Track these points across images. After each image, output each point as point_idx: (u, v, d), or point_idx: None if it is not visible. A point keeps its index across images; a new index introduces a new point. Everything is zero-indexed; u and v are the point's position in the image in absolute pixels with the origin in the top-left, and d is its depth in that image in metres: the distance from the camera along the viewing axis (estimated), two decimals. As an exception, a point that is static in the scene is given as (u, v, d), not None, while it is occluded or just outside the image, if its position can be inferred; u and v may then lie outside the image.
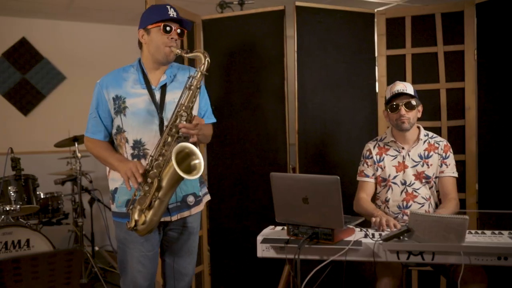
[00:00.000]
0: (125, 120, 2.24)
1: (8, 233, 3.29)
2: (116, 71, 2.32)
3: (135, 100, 2.23)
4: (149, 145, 2.22)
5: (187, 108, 2.13)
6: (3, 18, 5.00)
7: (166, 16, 2.20)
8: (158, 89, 2.26)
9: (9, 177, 3.61)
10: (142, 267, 2.27)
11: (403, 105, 2.60)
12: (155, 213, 2.10)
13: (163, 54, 2.22)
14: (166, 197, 2.12)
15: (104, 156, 2.27)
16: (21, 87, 5.14)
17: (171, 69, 2.33)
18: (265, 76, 3.47)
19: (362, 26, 3.46)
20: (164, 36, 2.20)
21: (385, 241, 2.05)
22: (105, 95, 2.26)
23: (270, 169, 3.39)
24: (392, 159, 2.70)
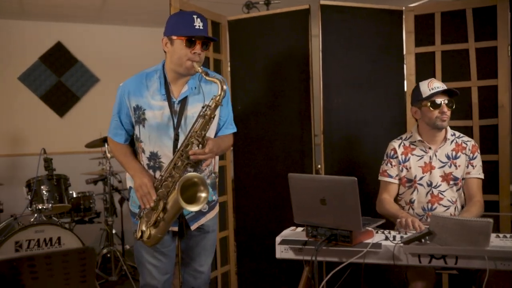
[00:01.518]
0: (143, 131, 2.25)
1: (40, 231, 3.40)
2: (139, 77, 2.30)
3: (154, 113, 2.23)
4: (165, 159, 2.24)
5: (199, 136, 2.12)
6: (40, 23, 5.18)
7: (192, 30, 2.13)
8: (178, 102, 2.24)
9: (42, 177, 3.73)
10: (157, 261, 2.32)
11: (446, 102, 2.52)
12: (159, 231, 2.17)
13: (184, 68, 2.18)
14: (171, 219, 2.17)
15: (122, 162, 2.33)
16: (57, 89, 5.31)
17: (193, 80, 2.29)
18: (290, 76, 3.45)
19: (389, 23, 3.38)
20: (187, 50, 2.14)
21: (406, 244, 1.99)
22: (127, 102, 2.27)
23: (295, 169, 3.39)
24: (418, 159, 2.62)
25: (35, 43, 5.21)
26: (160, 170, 2.24)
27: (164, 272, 2.36)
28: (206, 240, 2.41)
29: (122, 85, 2.33)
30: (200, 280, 2.44)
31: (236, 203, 3.65)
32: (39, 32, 5.20)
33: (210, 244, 2.45)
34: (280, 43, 3.47)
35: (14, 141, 5.14)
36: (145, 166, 2.28)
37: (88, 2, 4.59)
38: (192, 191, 2.12)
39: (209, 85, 2.28)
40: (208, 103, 2.15)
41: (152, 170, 2.26)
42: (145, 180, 2.16)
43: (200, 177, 2.10)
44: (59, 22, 5.23)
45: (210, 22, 3.49)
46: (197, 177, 2.09)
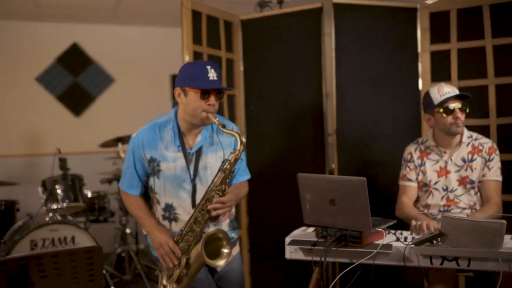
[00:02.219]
0: (157, 183, 2.23)
1: (54, 230, 3.43)
2: (152, 127, 2.26)
3: (169, 164, 2.20)
4: (180, 210, 2.22)
5: (220, 190, 2.11)
6: (56, 25, 5.25)
7: (207, 83, 2.11)
8: (194, 153, 2.22)
9: (57, 177, 3.76)
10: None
11: (459, 107, 2.46)
12: (182, 286, 2.14)
13: (199, 119, 2.15)
14: (194, 274, 2.15)
15: (137, 217, 2.31)
16: (73, 89, 5.38)
17: (206, 130, 2.26)
18: (302, 75, 3.43)
19: (403, 21, 3.33)
20: (202, 102, 2.12)
21: (417, 245, 1.96)
22: (142, 153, 2.24)
23: (308, 169, 3.36)
24: (433, 163, 2.57)
25: (52, 44, 5.28)
26: (175, 221, 2.23)
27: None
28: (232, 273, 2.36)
29: (135, 136, 2.28)
30: None
31: (249, 203, 3.64)
32: (56, 34, 5.27)
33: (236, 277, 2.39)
34: (293, 42, 3.45)
35: (31, 141, 5.21)
36: (160, 217, 2.26)
37: (102, 3, 4.64)
38: (214, 245, 2.11)
39: (222, 134, 2.24)
40: (228, 157, 2.12)
41: (167, 221, 2.25)
42: (164, 238, 2.14)
43: (224, 233, 2.10)
44: (75, 24, 5.30)
45: (222, 22, 3.49)
46: (221, 232, 2.10)
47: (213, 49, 3.40)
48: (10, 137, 5.12)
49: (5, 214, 3.95)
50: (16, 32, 5.14)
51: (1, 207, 3.94)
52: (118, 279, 4.15)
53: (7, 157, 5.07)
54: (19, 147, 5.17)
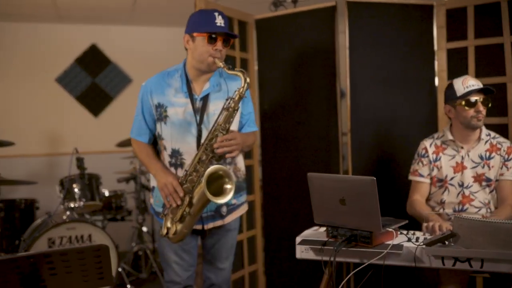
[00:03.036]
0: (164, 128, 2.27)
1: (72, 228, 3.50)
2: (161, 75, 2.33)
3: (176, 109, 2.25)
4: (186, 155, 2.24)
5: (224, 129, 2.13)
6: (75, 27, 5.33)
7: (214, 27, 2.16)
8: (201, 99, 2.26)
9: (74, 176, 3.83)
10: (180, 259, 2.35)
11: (481, 101, 2.43)
12: (185, 226, 2.17)
13: (206, 64, 2.20)
14: (197, 213, 2.17)
15: (145, 162, 2.35)
16: (91, 90, 5.45)
17: (215, 77, 2.30)
18: (316, 74, 3.41)
19: (419, 19, 3.29)
20: (209, 46, 2.17)
21: (428, 246, 1.93)
22: (150, 100, 2.30)
23: (323, 169, 3.35)
24: (449, 159, 2.53)
25: (71, 45, 5.36)
26: (181, 167, 2.26)
27: (187, 269, 2.39)
28: (226, 238, 2.42)
29: (144, 84, 2.35)
30: (221, 278, 2.46)
31: (264, 202, 3.64)
32: (74, 35, 5.35)
33: (230, 242, 2.45)
34: (307, 41, 3.44)
35: (51, 140, 5.31)
36: (167, 164, 2.29)
37: (119, 4, 4.69)
38: (218, 183, 2.13)
39: (232, 81, 2.29)
40: (232, 96, 2.16)
41: (173, 167, 2.27)
42: (169, 179, 2.17)
43: (225, 169, 2.12)
44: (93, 25, 5.37)
45: (236, 21, 3.49)
46: (222, 169, 2.11)
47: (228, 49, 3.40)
48: (31, 137, 5.21)
49: (25, 213, 4.03)
50: (36, 34, 5.23)
51: (21, 206, 4.02)
52: (134, 277, 4.19)
53: (28, 156, 5.17)
54: (40, 146, 5.27)
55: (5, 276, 1.52)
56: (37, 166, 5.19)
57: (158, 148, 2.40)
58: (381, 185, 3.11)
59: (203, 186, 2.05)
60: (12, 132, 4.90)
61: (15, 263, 1.47)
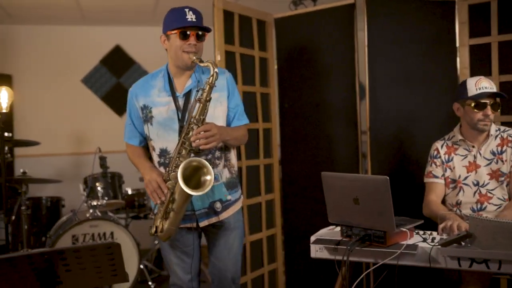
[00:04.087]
0: (151, 129, 2.30)
1: (94, 225, 3.58)
2: (145, 79, 2.37)
3: (160, 109, 2.27)
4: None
5: (198, 121, 2.14)
6: (99, 28, 5.44)
7: (184, 23, 2.18)
8: (183, 96, 2.28)
9: (97, 174, 3.91)
10: (180, 261, 2.35)
11: (491, 105, 2.37)
12: (171, 223, 2.17)
13: (181, 60, 2.22)
14: (181, 209, 2.16)
15: (135, 163, 2.39)
16: (116, 90, 5.55)
17: (197, 73, 2.31)
18: (336, 72, 3.39)
19: (440, 15, 3.23)
20: (181, 42, 2.19)
21: (443, 246, 1.89)
22: (136, 103, 2.33)
23: (342, 168, 3.32)
24: (462, 158, 2.49)
25: (96, 47, 5.47)
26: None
27: (187, 272, 2.36)
28: (227, 238, 2.36)
29: (131, 89, 2.39)
30: (225, 279, 2.39)
31: (284, 201, 3.64)
32: (99, 37, 5.46)
33: (231, 241, 2.38)
34: (326, 39, 3.42)
35: (78, 140, 5.43)
36: (157, 164, 2.31)
37: (141, 6, 4.76)
38: (197, 176, 2.13)
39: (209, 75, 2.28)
40: (202, 86, 2.17)
41: (163, 166, 2.28)
42: (153, 176, 2.19)
43: (199, 160, 2.11)
44: (117, 26, 5.47)
45: (255, 21, 3.50)
46: (195, 160, 2.11)
47: (246, 48, 3.42)
48: (58, 136, 5.35)
49: (51, 210, 4.14)
50: (62, 36, 5.37)
51: (48, 204, 4.13)
52: (156, 274, 4.25)
53: (55, 155, 5.31)
54: (66, 146, 5.40)
55: (21, 272, 1.56)
56: (64, 164, 5.33)
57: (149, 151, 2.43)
58: (400, 184, 3.11)
59: (179, 179, 2.04)
60: (39, 132, 5.04)
61: (30, 259, 1.52)
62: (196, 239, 2.39)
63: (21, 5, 4.58)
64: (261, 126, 3.51)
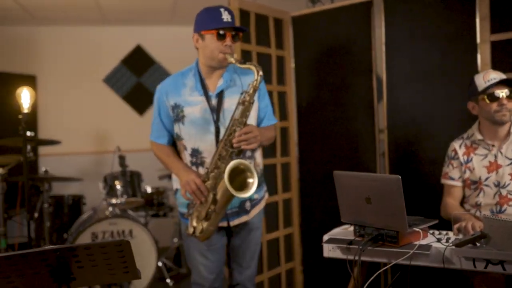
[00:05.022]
0: (183, 129, 2.29)
1: (114, 223, 3.63)
2: (175, 77, 2.37)
3: (192, 108, 2.27)
4: (207, 154, 2.26)
5: (241, 123, 2.15)
6: (120, 28, 5.52)
7: (221, 23, 2.18)
8: (216, 95, 2.28)
9: (117, 173, 3.96)
10: (205, 260, 2.35)
11: (504, 94, 2.32)
12: (211, 224, 2.19)
13: (217, 61, 2.22)
14: (222, 210, 2.19)
15: (166, 162, 2.38)
16: (136, 89, 5.63)
17: (228, 73, 2.32)
18: (353, 70, 3.36)
19: (459, 10, 3.15)
20: (218, 43, 2.19)
21: (457, 247, 1.86)
22: (166, 102, 2.32)
23: (359, 167, 3.29)
24: (481, 159, 2.42)
25: (117, 47, 5.55)
26: (202, 166, 2.28)
27: (212, 271, 2.37)
28: (251, 237, 2.42)
29: (159, 87, 2.38)
30: (245, 276, 2.45)
31: (302, 200, 3.62)
32: (120, 37, 5.54)
33: (254, 242, 2.44)
34: (343, 37, 3.39)
35: (99, 139, 5.52)
36: (188, 163, 2.32)
37: (159, 5, 4.80)
38: (240, 178, 2.16)
39: (245, 75, 2.31)
40: (246, 89, 2.17)
41: (195, 166, 2.30)
42: (192, 176, 2.19)
43: (246, 163, 2.14)
44: (137, 26, 5.53)
45: (272, 19, 3.49)
46: (242, 163, 2.13)
47: (262, 47, 3.41)
48: (81, 135, 5.45)
49: (72, 208, 4.22)
50: (84, 37, 5.47)
51: (69, 201, 4.21)
52: (175, 272, 4.29)
53: (78, 154, 5.41)
54: (89, 144, 5.50)
55: (35, 268, 1.59)
56: (85, 163, 5.42)
57: (177, 148, 2.42)
58: (418, 183, 3.07)
59: (226, 182, 2.06)
60: (62, 131, 5.15)
61: (42, 255, 1.54)
62: (222, 237, 2.41)
63: (44, 7, 4.68)
64: (278, 124, 3.51)
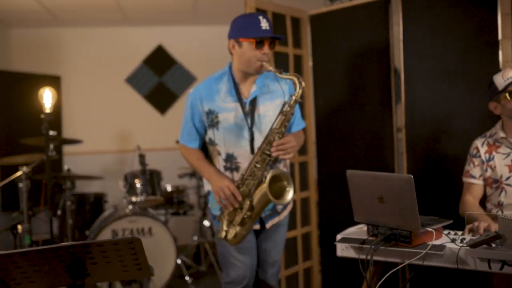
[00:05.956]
0: (217, 134, 2.31)
1: (133, 221, 3.69)
2: (209, 82, 2.37)
3: (227, 115, 2.28)
4: (241, 159, 2.29)
5: (280, 133, 2.17)
6: (142, 28, 5.59)
7: (260, 32, 2.19)
8: (249, 101, 2.29)
9: (137, 172, 4.03)
10: (240, 256, 2.37)
11: None
12: (246, 229, 2.23)
13: (254, 69, 2.23)
14: (257, 216, 2.24)
15: (198, 166, 2.40)
16: (158, 89, 5.69)
17: (261, 79, 2.33)
18: (371, 69, 3.33)
19: (480, 6, 3.09)
20: (256, 51, 2.20)
21: (472, 247, 1.83)
22: (200, 107, 2.33)
23: (377, 166, 3.26)
24: (504, 157, 2.37)
25: (139, 47, 5.63)
26: (237, 171, 2.30)
27: (250, 268, 2.39)
28: (277, 234, 2.46)
29: (192, 91, 2.39)
30: (270, 273, 2.49)
31: (320, 199, 3.61)
32: (141, 37, 5.62)
33: (280, 238, 2.49)
34: (361, 35, 3.36)
35: (122, 138, 5.61)
36: (222, 168, 2.34)
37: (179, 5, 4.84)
38: (277, 186, 2.19)
39: (278, 82, 2.32)
40: (288, 100, 2.19)
41: (229, 171, 2.32)
42: (225, 182, 2.22)
43: (286, 174, 2.18)
44: (158, 26, 5.60)
45: (289, 18, 3.49)
46: (283, 174, 2.19)
47: (279, 46, 3.41)
48: (103, 134, 5.54)
49: (94, 206, 4.32)
50: (106, 37, 5.56)
51: (91, 199, 4.30)
52: (195, 269, 4.34)
53: (100, 153, 5.51)
54: (111, 143, 5.59)
55: (50, 264, 1.64)
56: (108, 162, 5.52)
57: (209, 153, 2.45)
58: (437, 182, 3.02)
59: (266, 189, 2.10)
60: (86, 131, 5.26)
61: (57, 252, 1.59)
62: (254, 237, 2.44)
63: (68, 9, 4.78)
64: (295, 123, 3.50)
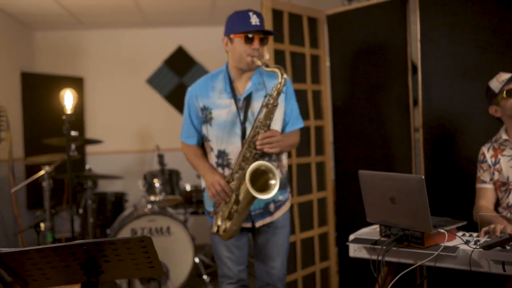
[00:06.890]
0: (210, 130, 2.35)
1: (152, 220, 3.74)
2: (205, 79, 2.42)
3: (220, 111, 2.32)
4: (233, 155, 2.31)
5: (265, 126, 2.19)
6: (162, 30, 5.66)
7: (249, 26, 2.22)
8: (244, 98, 2.32)
9: (156, 171, 4.08)
10: (231, 254, 2.42)
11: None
12: (234, 223, 2.24)
13: (245, 64, 2.27)
14: (245, 210, 2.23)
15: (194, 162, 2.44)
16: (178, 89, 5.75)
17: (257, 76, 2.35)
18: (388, 68, 3.30)
19: (500, 4, 3.03)
20: (246, 46, 2.23)
21: (485, 249, 1.80)
22: (196, 104, 2.37)
23: (394, 166, 3.24)
24: (508, 159, 2.34)
25: (159, 48, 5.70)
26: (228, 167, 2.33)
27: (239, 264, 2.45)
28: (277, 236, 2.44)
29: (190, 89, 2.44)
30: (274, 277, 2.47)
31: (338, 199, 3.60)
32: (162, 38, 5.69)
33: (281, 240, 2.46)
34: (378, 34, 3.34)
35: (142, 137, 5.69)
36: (214, 164, 2.37)
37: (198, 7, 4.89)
38: (262, 180, 2.19)
39: (273, 79, 2.33)
40: (270, 92, 2.22)
41: (221, 167, 2.35)
42: (216, 178, 2.25)
43: (268, 165, 2.17)
44: (178, 27, 5.66)
45: (306, 18, 3.49)
46: (264, 165, 2.16)
47: (296, 46, 3.42)
48: (125, 134, 5.63)
49: (115, 205, 4.39)
50: (127, 39, 5.65)
51: (112, 198, 4.38)
52: (213, 269, 4.37)
53: (122, 153, 5.60)
54: (132, 143, 5.68)
55: (65, 261, 1.68)
56: (129, 161, 5.61)
57: (205, 149, 2.48)
58: (455, 183, 2.98)
59: (247, 183, 2.10)
60: (108, 131, 5.35)
61: (70, 249, 1.63)
62: (246, 235, 2.47)
63: (90, 12, 4.88)
64: (313, 123, 3.50)
